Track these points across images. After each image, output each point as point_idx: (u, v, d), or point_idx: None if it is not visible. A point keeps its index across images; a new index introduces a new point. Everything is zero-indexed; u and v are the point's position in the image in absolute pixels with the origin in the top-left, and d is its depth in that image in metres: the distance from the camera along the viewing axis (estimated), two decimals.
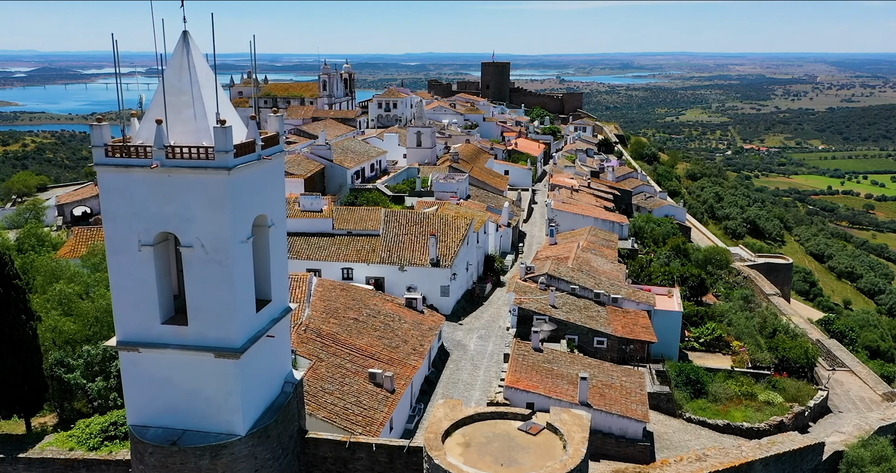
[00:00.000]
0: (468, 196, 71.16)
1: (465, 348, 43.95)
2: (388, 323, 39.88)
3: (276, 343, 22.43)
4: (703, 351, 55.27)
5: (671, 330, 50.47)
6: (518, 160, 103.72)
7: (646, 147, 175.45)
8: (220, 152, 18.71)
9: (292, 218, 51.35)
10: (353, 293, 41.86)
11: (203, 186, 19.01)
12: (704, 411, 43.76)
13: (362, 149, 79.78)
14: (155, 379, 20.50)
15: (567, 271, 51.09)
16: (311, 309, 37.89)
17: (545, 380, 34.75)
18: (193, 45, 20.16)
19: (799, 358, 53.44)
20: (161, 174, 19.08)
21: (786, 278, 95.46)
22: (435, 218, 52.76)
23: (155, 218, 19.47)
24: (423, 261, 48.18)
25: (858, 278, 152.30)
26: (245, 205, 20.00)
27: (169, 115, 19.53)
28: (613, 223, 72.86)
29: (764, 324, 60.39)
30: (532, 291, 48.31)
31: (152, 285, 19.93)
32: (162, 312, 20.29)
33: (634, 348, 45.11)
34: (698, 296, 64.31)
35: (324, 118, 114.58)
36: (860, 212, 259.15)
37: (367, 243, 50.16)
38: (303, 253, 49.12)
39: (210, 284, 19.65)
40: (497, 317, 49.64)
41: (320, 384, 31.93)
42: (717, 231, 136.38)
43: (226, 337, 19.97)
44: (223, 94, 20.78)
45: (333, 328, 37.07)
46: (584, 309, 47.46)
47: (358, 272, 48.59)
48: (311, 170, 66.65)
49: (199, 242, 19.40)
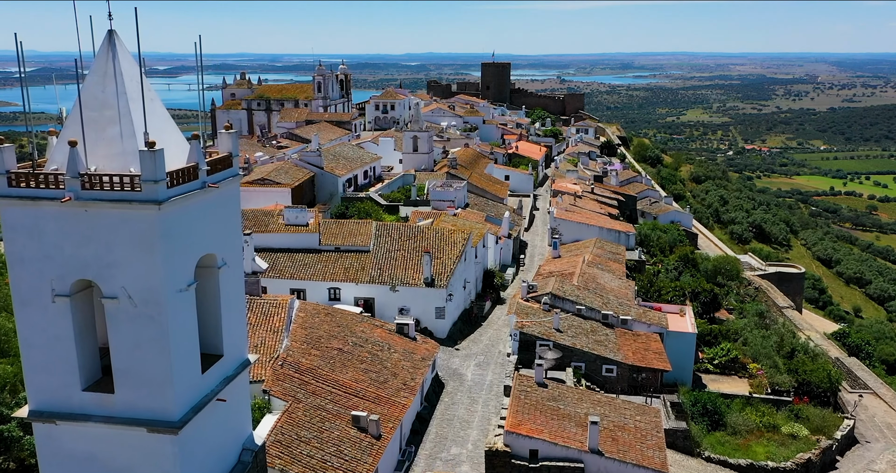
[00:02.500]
0: (466, 204, 67.40)
1: (461, 378, 40.12)
2: (377, 354, 36.07)
3: (232, 405, 18.64)
4: (717, 374, 51.60)
5: (685, 353, 46.79)
6: (519, 164, 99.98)
7: (649, 149, 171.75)
8: (147, 182, 14.91)
9: (276, 233, 47.63)
10: (339, 318, 38.07)
11: (127, 224, 15.22)
12: (724, 446, 40.00)
13: (355, 154, 75.97)
14: (76, 457, 16.68)
15: (572, 290, 47.31)
16: (290, 340, 34.09)
17: (550, 422, 30.96)
18: (121, 47, 16.39)
19: (822, 383, 49.71)
20: (76, 209, 15.29)
21: (798, 288, 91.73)
22: (430, 232, 48.96)
23: (71, 262, 15.68)
24: (416, 281, 44.38)
25: (867, 284, 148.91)
26: (184, 245, 16.20)
27: (89, 135, 15.75)
28: (619, 233, 69.05)
29: (781, 343, 56.62)
30: (534, 312, 44.54)
31: (70, 344, 16.15)
32: (83, 376, 16.50)
33: (647, 377, 41.32)
34: (711, 312, 60.61)
35: (318, 121, 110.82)
36: (863, 213, 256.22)
37: (356, 260, 46.35)
38: (286, 272, 45.30)
39: (140, 344, 15.86)
40: (497, 341, 45.84)
41: (296, 431, 28.13)
42: (724, 236, 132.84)
43: (161, 407, 16.18)
44: (159, 107, 16.98)
45: (314, 361, 33.27)
46: (592, 333, 43.68)
47: (346, 292, 44.80)
48: (299, 178, 62.82)
49: (125, 293, 15.61)
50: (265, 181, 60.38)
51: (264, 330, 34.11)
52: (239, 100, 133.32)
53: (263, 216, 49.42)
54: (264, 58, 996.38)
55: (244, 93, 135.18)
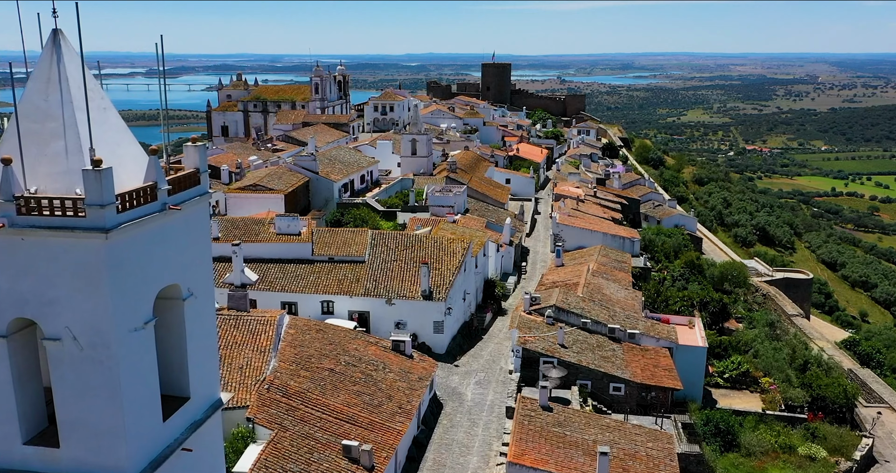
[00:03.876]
0: (466, 210, 65.28)
1: (461, 397, 37.94)
2: (371, 374, 33.91)
3: (201, 454, 16.47)
4: (728, 388, 49.49)
5: (695, 367, 44.66)
6: (520, 167, 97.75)
7: (651, 151, 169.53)
8: (92, 206, 12.77)
9: (267, 242, 45.48)
10: (331, 335, 35.91)
11: (70, 255, 13.08)
12: (738, 469, 37.90)
13: (352, 158, 73.77)
14: None
15: (577, 301, 45.14)
16: (277, 360, 31.94)
17: (556, 451, 28.80)
18: (68, 50, 14.24)
19: (837, 398, 47.60)
20: (11, 237, 13.15)
21: (805, 294, 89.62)
22: (428, 241, 46.79)
23: (6, 299, 13.55)
24: (413, 294, 42.20)
25: (873, 287, 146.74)
26: (140, 277, 14.05)
27: (29, 150, 13.60)
28: (624, 239, 66.87)
29: (793, 355, 54.50)
30: (538, 327, 42.37)
31: (8, 390, 14.01)
32: (24, 427, 14.36)
33: (656, 395, 39.15)
34: (720, 322, 58.46)
35: (315, 123, 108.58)
36: (865, 214, 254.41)
37: (350, 271, 44.17)
38: (277, 285, 43.13)
39: (87, 391, 13.73)
40: (498, 355, 43.67)
41: (282, 463, 25.98)
42: (728, 239, 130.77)
43: (112, 463, 14.04)
44: (114, 117, 14.83)
45: (304, 383, 31.11)
46: (598, 348, 41.52)
47: (339, 305, 42.63)
48: (293, 183, 60.62)
49: (69, 334, 13.48)
50: (257, 187, 58.22)
51: (250, 350, 31.98)
52: (235, 101, 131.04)
53: (254, 224, 47.28)
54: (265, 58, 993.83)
55: (240, 94, 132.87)
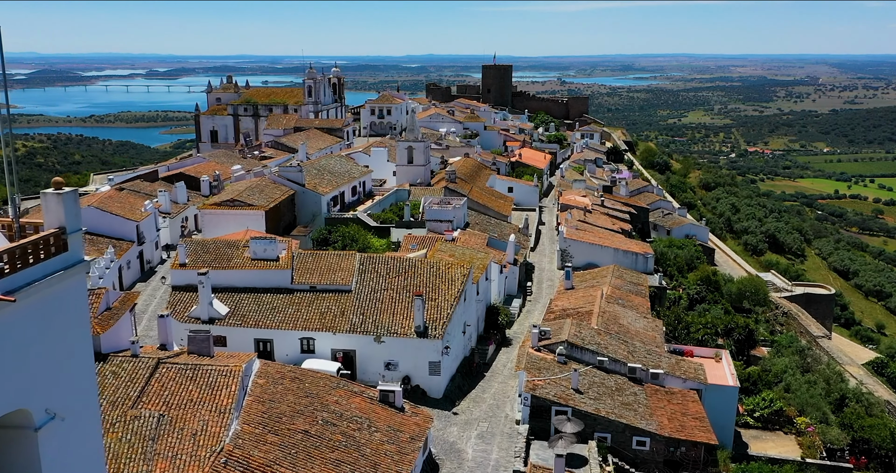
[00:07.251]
0: (466, 224, 59.94)
1: (460, 456, 32.56)
2: (353, 435, 28.57)
3: None
4: (759, 429, 44.28)
5: (726, 409, 39.53)
6: (523, 174, 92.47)
7: (656, 155, 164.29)
8: None
9: (240, 269, 40.12)
10: (308, 385, 30.60)
11: None
12: None
13: (343, 168, 68.41)
14: None
15: (591, 336, 39.84)
16: (240, 423, 26.62)
17: None
18: None
19: (884, 443, 42.38)
20: None
21: (827, 311, 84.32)
22: (423, 266, 41.40)
23: None
24: (406, 330, 36.85)
25: (888, 297, 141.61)
26: None
27: None
28: (637, 255, 61.53)
29: (829, 389, 49.26)
30: (548, 366, 37.08)
31: None
32: None
33: (686, 450, 33.86)
34: (746, 351, 53.21)
35: (307, 128, 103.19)
36: (869, 217, 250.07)
37: (334, 302, 38.82)
38: (250, 319, 37.75)
39: None
40: (503, 399, 38.31)
41: None
42: (738, 247, 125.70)
43: None
44: None
45: (271, 453, 25.77)
46: (617, 393, 36.21)
47: (321, 343, 37.27)
48: (275, 198, 55.21)
49: None
50: (235, 203, 52.81)
51: (208, 410, 26.63)
52: (224, 105, 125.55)
53: (226, 248, 41.89)
54: (265, 59, 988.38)
55: (230, 97, 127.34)
